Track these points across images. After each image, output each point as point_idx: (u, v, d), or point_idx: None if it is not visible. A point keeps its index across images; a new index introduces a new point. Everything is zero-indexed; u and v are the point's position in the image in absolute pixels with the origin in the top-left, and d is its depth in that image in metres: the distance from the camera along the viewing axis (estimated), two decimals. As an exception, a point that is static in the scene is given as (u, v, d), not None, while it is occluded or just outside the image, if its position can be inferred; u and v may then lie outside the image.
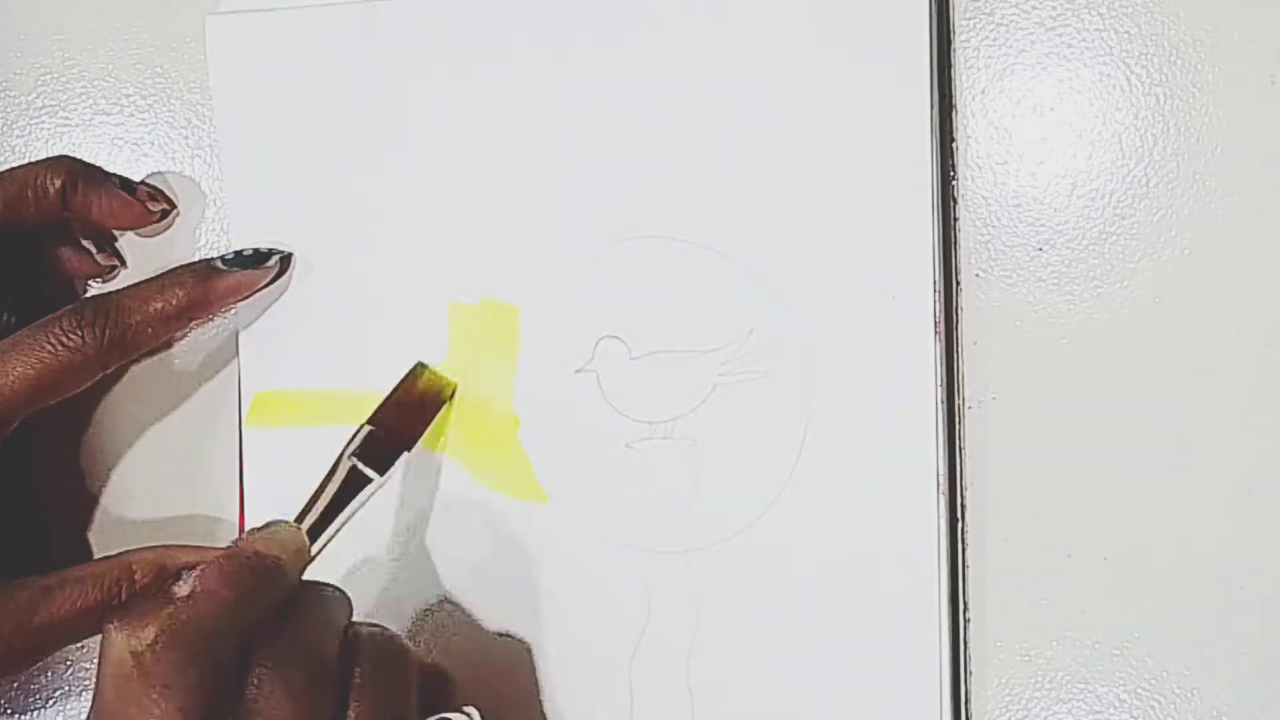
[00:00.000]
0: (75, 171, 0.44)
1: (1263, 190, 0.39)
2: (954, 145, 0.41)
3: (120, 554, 0.44)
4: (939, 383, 0.40)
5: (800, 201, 0.41)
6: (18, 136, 0.44)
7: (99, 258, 0.46)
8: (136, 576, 0.43)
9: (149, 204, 0.45)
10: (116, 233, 0.47)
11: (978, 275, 0.41)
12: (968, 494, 0.41)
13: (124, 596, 0.42)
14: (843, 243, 0.40)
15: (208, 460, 0.46)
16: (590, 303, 0.42)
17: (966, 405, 0.41)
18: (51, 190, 0.44)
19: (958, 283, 0.41)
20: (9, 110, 0.49)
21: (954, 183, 0.41)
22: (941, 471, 0.40)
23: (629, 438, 0.42)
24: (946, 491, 0.40)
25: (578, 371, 0.42)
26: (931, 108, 0.40)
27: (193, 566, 0.42)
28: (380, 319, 0.44)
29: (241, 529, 0.45)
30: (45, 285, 0.47)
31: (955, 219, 0.41)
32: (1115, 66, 0.40)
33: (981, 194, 0.41)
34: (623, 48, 0.42)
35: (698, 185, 0.41)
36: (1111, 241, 0.40)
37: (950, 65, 0.41)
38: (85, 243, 0.46)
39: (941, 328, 0.40)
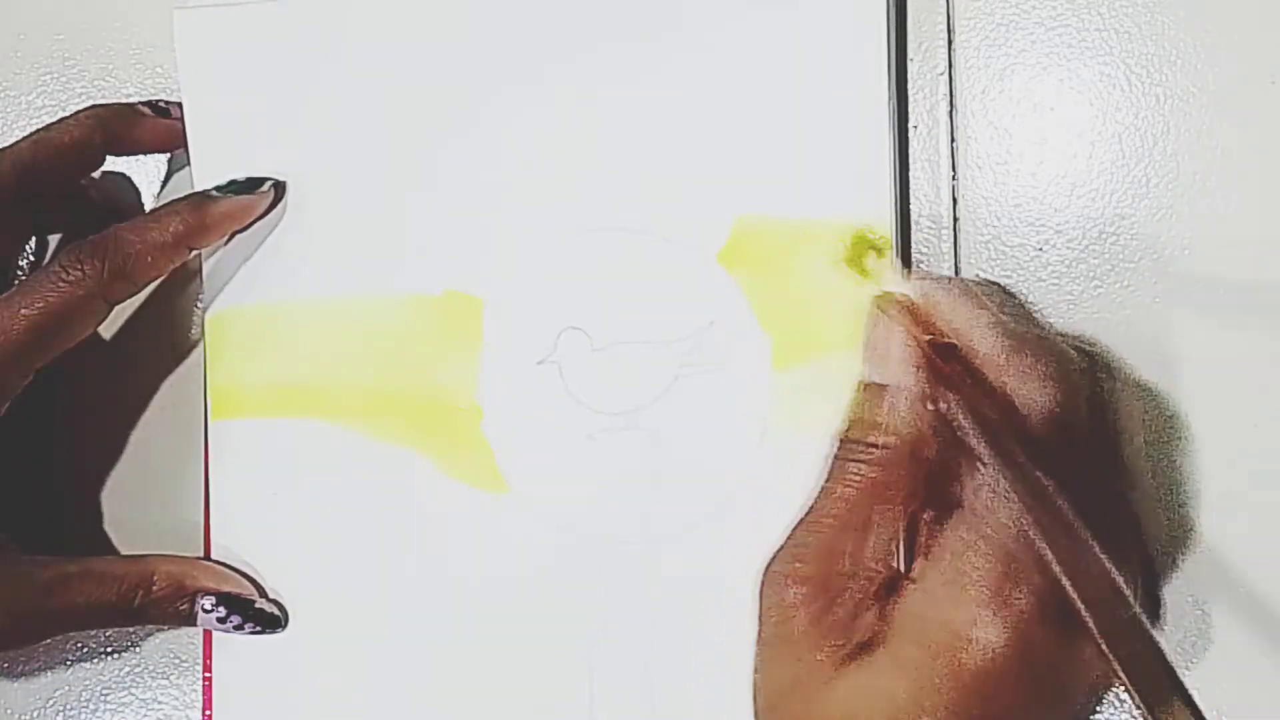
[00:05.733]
0: (107, 117, 0.45)
1: (1263, 190, 0.39)
2: (954, 145, 0.41)
3: (144, 557, 0.44)
4: None
5: (761, 195, 0.41)
6: (18, 136, 0.44)
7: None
8: (154, 587, 0.43)
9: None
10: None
11: (978, 275, 0.41)
12: (968, 494, 0.41)
13: (138, 604, 0.43)
14: (803, 235, 0.40)
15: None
16: (553, 294, 0.43)
17: (966, 405, 0.41)
18: (96, 141, 0.44)
19: (958, 283, 0.41)
20: (9, 110, 0.49)
21: (954, 183, 0.41)
22: None
23: (591, 428, 0.42)
24: None
25: (540, 363, 0.43)
26: (890, 98, 0.40)
27: (211, 592, 0.43)
28: (345, 311, 0.44)
29: (207, 526, 0.45)
30: None
31: (955, 219, 0.41)
32: (1115, 66, 0.40)
33: (981, 194, 0.41)
34: (587, 42, 0.42)
35: (660, 178, 0.42)
36: (1111, 241, 0.40)
37: (950, 65, 0.41)
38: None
39: None
